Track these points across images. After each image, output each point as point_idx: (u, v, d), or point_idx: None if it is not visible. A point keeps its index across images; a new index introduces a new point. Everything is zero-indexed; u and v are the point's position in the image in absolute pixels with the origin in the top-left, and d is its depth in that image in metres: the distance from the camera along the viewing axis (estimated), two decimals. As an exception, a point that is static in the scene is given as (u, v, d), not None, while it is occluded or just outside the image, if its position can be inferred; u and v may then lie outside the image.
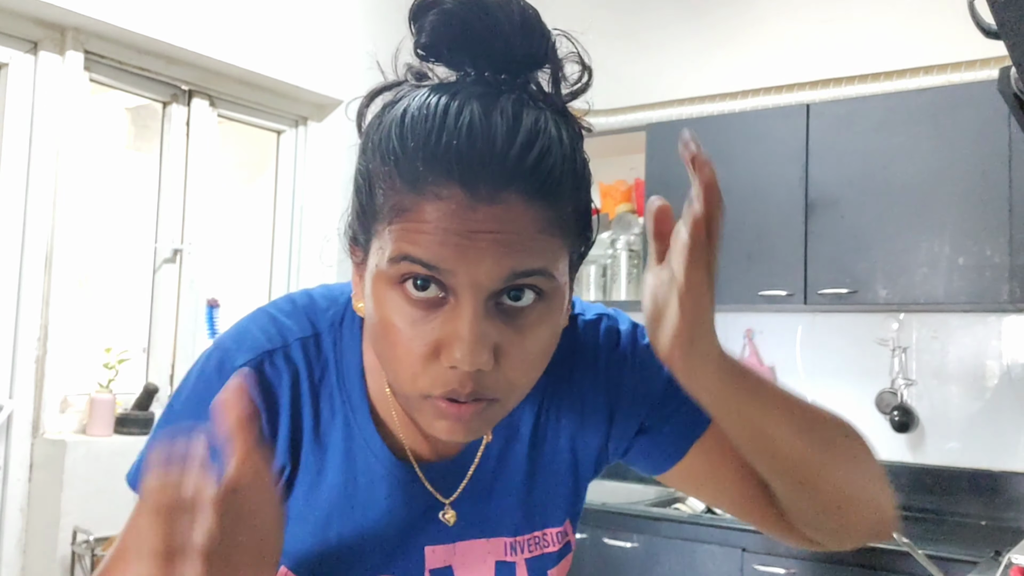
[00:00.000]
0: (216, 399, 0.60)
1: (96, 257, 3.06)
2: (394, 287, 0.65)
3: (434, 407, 0.67)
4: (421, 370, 0.66)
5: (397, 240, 0.64)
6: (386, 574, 0.78)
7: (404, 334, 0.65)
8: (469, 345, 0.63)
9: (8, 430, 2.50)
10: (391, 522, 0.78)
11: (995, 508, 2.76)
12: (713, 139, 3.02)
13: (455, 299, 0.64)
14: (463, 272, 0.63)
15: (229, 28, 2.93)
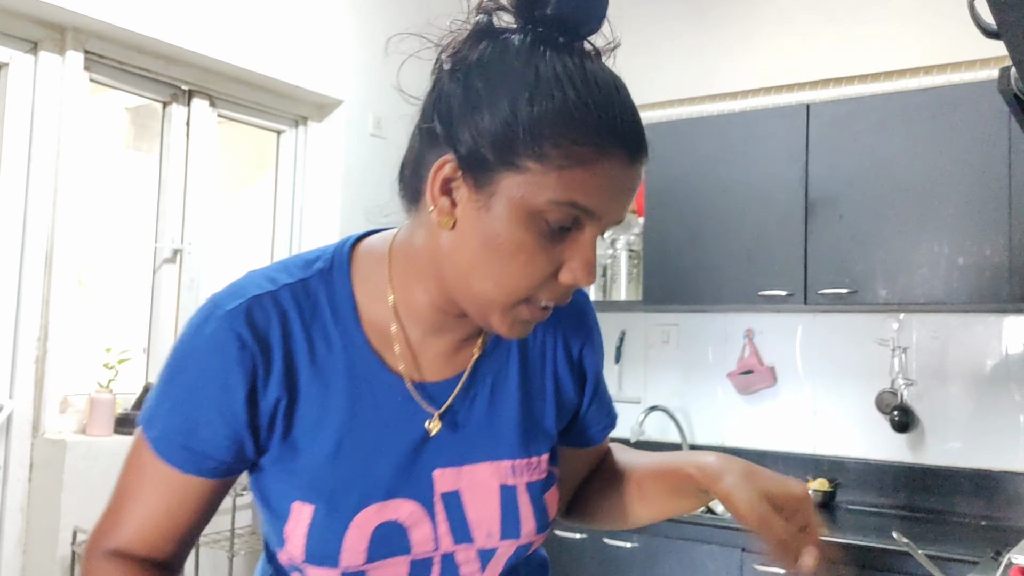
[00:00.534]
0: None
1: (96, 257, 3.06)
2: (536, 219, 0.76)
3: (528, 311, 0.80)
4: (540, 283, 0.78)
5: (565, 187, 0.75)
6: (400, 497, 0.84)
7: (537, 257, 0.77)
8: (592, 267, 0.78)
9: (8, 430, 2.50)
10: (398, 443, 0.85)
11: (995, 508, 2.76)
12: (713, 139, 3.02)
13: (582, 232, 0.78)
14: (606, 216, 0.77)
15: (229, 28, 2.93)
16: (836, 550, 0.83)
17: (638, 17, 3.58)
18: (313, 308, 0.85)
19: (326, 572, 0.83)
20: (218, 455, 0.83)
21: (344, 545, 0.82)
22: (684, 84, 3.34)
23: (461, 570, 0.88)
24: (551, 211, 0.75)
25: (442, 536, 0.86)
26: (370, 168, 3.48)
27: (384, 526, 0.83)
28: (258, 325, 0.82)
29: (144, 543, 0.86)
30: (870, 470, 2.98)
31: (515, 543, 0.89)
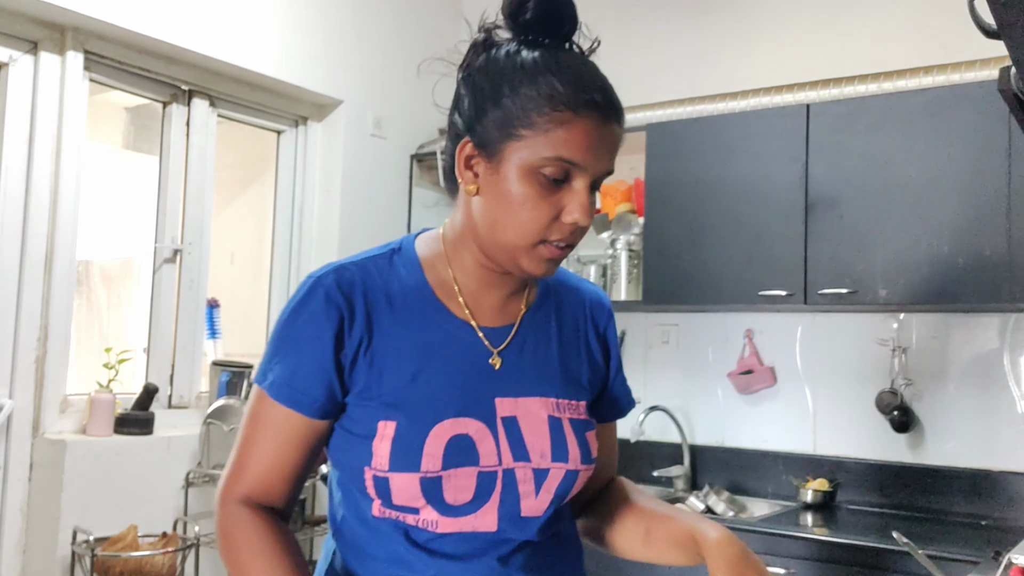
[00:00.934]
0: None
1: (96, 257, 3.06)
2: (536, 174, 0.98)
3: (544, 252, 1.01)
4: (547, 225, 0.99)
5: (552, 145, 0.97)
6: (468, 416, 1.02)
7: (539, 205, 0.98)
8: (587, 208, 0.99)
9: (8, 430, 2.50)
10: (466, 372, 1.04)
11: (995, 508, 2.76)
12: (713, 139, 3.02)
13: (575, 183, 0.99)
14: (591, 166, 0.99)
15: (229, 28, 2.93)
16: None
17: (638, 17, 3.58)
18: (389, 271, 1.08)
19: (408, 477, 0.99)
20: (315, 392, 1.02)
21: (424, 451, 0.99)
22: (684, 84, 3.33)
23: (520, 488, 1.03)
24: (545, 166, 0.98)
25: (504, 452, 1.03)
26: (370, 168, 3.48)
27: (457, 438, 1.00)
28: (343, 283, 1.04)
29: (264, 485, 1.05)
30: (870, 470, 2.98)
31: (564, 467, 1.05)
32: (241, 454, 1.06)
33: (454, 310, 1.07)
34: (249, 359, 3.12)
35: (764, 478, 3.15)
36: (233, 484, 1.05)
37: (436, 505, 1.00)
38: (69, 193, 2.63)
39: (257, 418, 1.05)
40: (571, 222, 0.99)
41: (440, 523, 1.01)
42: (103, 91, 2.87)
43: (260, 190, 3.48)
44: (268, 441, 1.04)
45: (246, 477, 1.05)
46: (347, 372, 1.03)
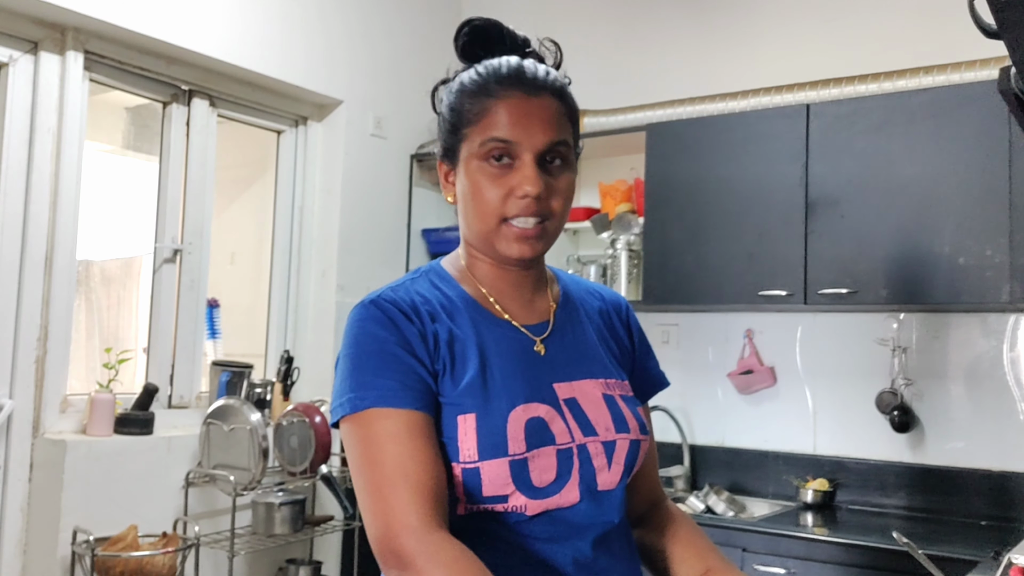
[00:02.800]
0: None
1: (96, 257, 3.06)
2: (481, 163, 1.08)
3: (511, 231, 1.08)
4: (501, 204, 1.07)
5: (483, 131, 1.08)
6: (535, 402, 1.08)
7: (490, 187, 1.08)
8: (533, 179, 1.06)
9: (8, 430, 2.50)
10: (521, 363, 1.11)
11: (995, 508, 2.76)
12: (713, 139, 3.02)
13: (520, 161, 1.07)
14: (526, 140, 1.07)
15: (229, 28, 2.93)
16: None
17: (639, 17, 3.58)
18: (431, 287, 1.15)
19: (498, 464, 1.02)
20: (424, 388, 1.04)
21: (508, 435, 1.03)
22: (684, 84, 3.33)
23: (594, 461, 1.09)
24: (485, 151, 1.08)
25: (574, 429, 1.09)
26: (370, 168, 3.48)
27: (532, 420, 1.06)
28: (399, 302, 1.09)
29: (437, 498, 0.98)
30: (870, 470, 2.98)
31: (628, 437, 1.13)
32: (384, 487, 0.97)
33: (495, 313, 1.15)
34: (249, 359, 3.12)
35: (764, 478, 3.15)
36: (424, 510, 0.96)
37: (524, 489, 1.03)
38: (69, 193, 2.63)
39: (378, 443, 1.00)
40: (521, 195, 1.06)
41: (529, 507, 1.04)
42: (103, 91, 2.87)
43: (260, 190, 3.48)
44: (407, 453, 0.99)
45: (429, 495, 0.97)
46: (431, 369, 1.06)
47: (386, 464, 0.98)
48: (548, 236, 1.11)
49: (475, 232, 1.11)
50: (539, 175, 1.07)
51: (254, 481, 2.70)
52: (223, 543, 2.73)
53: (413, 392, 1.02)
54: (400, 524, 0.95)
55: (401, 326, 1.06)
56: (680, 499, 3.08)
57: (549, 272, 1.25)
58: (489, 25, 1.16)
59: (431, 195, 3.70)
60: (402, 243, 3.61)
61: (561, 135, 1.10)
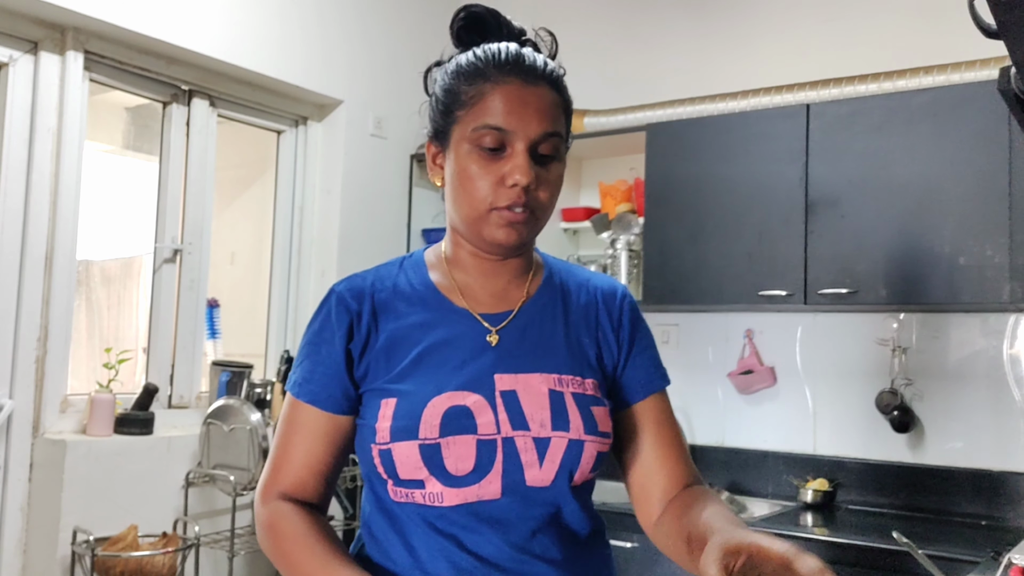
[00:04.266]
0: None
1: (96, 257, 3.07)
2: (474, 148, 1.07)
3: (500, 217, 1.08)
4: (492, 192, 1.07)
5: (478, 116, 1.07)
6: (467, 391, 1.08)
7: (482, 175, 1.07)
8: (524, 169, 1.06)
9: (8, 430, 2.50)
10: (466, 351, 1.11)
11: (995, 508, 2.76)
12: (713, 139, 3.02)
13: (512, 149, 1.07)
14: (520, 129, 1.06)
15: (229, 28, 2.93)
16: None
17: (639, 17, 3.58)
18: (397, 273, 1.18)
19: (408, 446, 1.05)
20: (331, 388, 1.12)
21: (422, 420, 1.05)
22: (684, 84, 3.33)
23: (522, 457, 1.07)
24: (478, 137, 1.07)
25: (502, 422, 1.07)
26: (370, 168, 3.48)
27: (454, 408, 1.06)
28: (353, 288, 1.15)
29: (298, 483, 1.13)
30: (870, 470, 2.98)
31: (565, 436, 1.08)
32: (276, 455, 1.15)
33: (455, 301, 1.15)
34: (249, 359, 3.12)
35: (764, 478, 3.15)
36: (271, 483, 1.14)
37: (439, 475, 1.05)
38: (69, 193, 2.63)
39: (286, 420, 1.15)
40: (512, 184, 1.06)
41: (445, 495, 1.05)
42: (103, 91, 2.87)
43: (260, 190, 3.48)
44: (298, 440, 1.14)
45: (282, 476, 1.14)
46: (356, 363, 1.12)
47: (283, 442, 1.15)
48: (534, 225, 1.11)
49: (462, 217, 1.11)
50: (530, 165, 1.06)
51: (254, 481, 2.70)
52: (223, 543, 2.73)
53: (319, 389, 1.12)
54: (266, 488, 1.14)
55: (337, 321, 1.13)
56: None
57: (539, 261, 1.22)
58: (486, 12, 1.16)
59: (431, 195, 3.70)
60: (402, 243, 3.61)
61: (555, 126, 1.09)
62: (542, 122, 1.07)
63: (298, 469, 1.13)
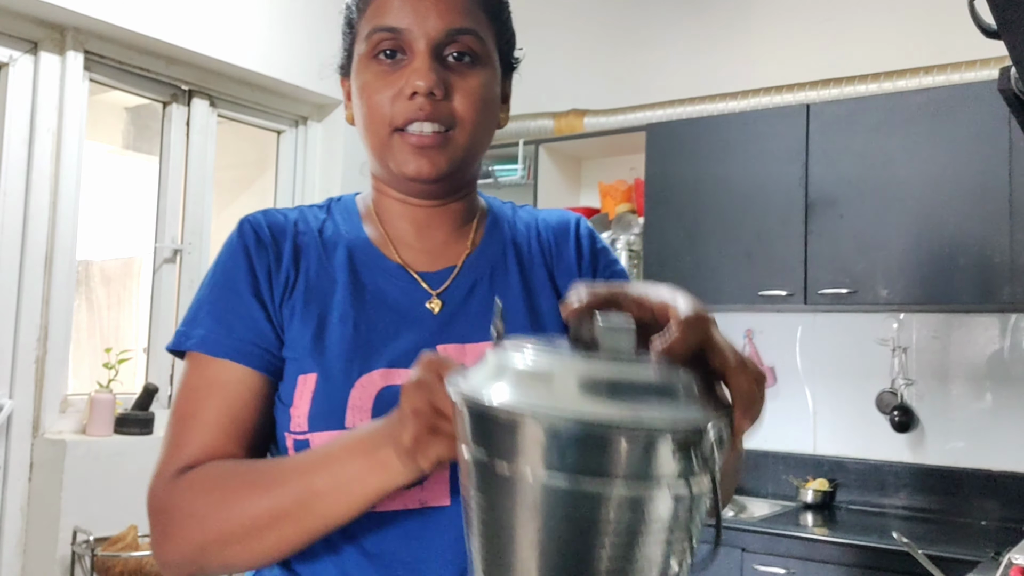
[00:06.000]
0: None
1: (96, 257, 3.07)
2: (371, 62, 0.90)
3: (405, 143, 0.88)
4: (391, 108, 0.88)
5: (368, 21, 0.90)
6: (405, 368, 0.86)
7: (379, 89, 0.88)
8: (423, 72, 0.86)
9: (8, 430, 2.50)
10: (403, 319, 0.90)
11: (995, 508, 2.76)
12: (713, 139, 3.02)
13: (412, 53, 0.88)
14: (416, 28, 0.87)
15: (229, 28, 2.93)
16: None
17: (639, 17, 3.58)
18: (325, 217, 0.98)
19: (331, 436, 0.82)
20: (256, 339, 0.88)
21: (349, 403, 0.84)
22: (684, 84, 3.33)
23: None
24: (372, 45, 0.89)
25: None
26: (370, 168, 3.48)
27: (389, 389, 0.85)
28: (274, 221, 0.94)
29: (211, 453, 0.85)
30: (870, 470, 2.98)
31: None
32: (178, 431, 0.87)
33: (390, 255, 0.95)
34: (249, 359, 3.12)
35: (764, 478, 3.15)
36: (169, 465, 0.85)
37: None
38: (69, 193, 2.63)
39: (190, 385, 0.88)
40: (410, 92, 0.86)
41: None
42: (103, 91, 2.86)
43: (260, 190, 3.48)
44: (212, 404, 0.86)
45: (187, 450, 0.85)
46: (275, 314, 0.90)
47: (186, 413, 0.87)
48: (454, 149, 0.89)
49: (369, 149, 0.93)
50: (434, 69, 0.87)
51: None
52: (223, 543, 2.72)
53: (238, 341, 0.87)
54: (162, 470, 0.85)
55: (254, 257, 0.91)
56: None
57: (483, 205, 1.02)
58: None
59: (431, 195, 3.70)
60: (402, 243, 3.61)
61: (466, 22, 0.89)
62: (444, 16, 0.88)
63: (213, 438, 0.85)
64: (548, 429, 0.51)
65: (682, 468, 0.52)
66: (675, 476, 0.52)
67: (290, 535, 0.78)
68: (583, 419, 0.51)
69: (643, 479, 0.52)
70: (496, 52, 0.94)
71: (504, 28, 0.96)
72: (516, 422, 0.52)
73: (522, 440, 0.52)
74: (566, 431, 0.51)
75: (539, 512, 0.53)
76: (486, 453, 0.55)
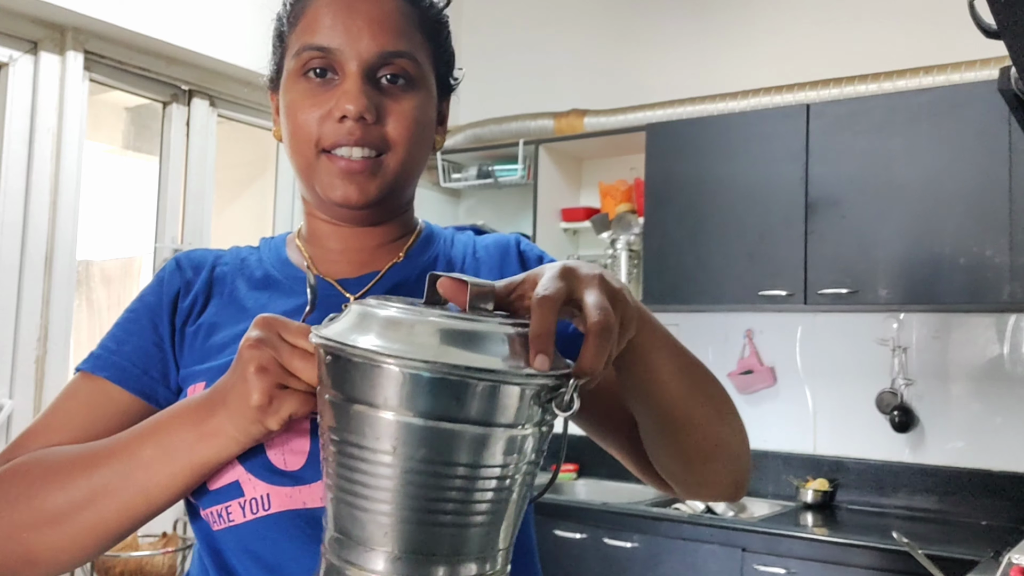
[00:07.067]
0: None
1: (96, 257, 3.06)
2: (299, 80, 0.87)
3: (332, 166, 0.84)
4: (318, 129, 0.84)
5: (298, 37, 0.87)
6: None
7: (306, 108, 0.85)
8: (353, 95, 0.82)
9: (8, 430, 2.50)
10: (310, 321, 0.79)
11: (995, 508, 2.76)
12: (713, 139, 3.02)
13: (343, 74, 0.84)
14: (349, 48, 0.83)
15: (229, 28, 2.93)
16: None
17: (639, 17, 3.58)
18: (252, 252, 0.96)
19: None
20: (139, 362, 0.86)
21: None
22: (684, 84, 3.34)
23: None
24: (301, 64, 0.86)
25: None
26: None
27: None
28: (196, 255, 0.94)
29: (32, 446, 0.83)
30: (870, 470, 2.98)
31: None
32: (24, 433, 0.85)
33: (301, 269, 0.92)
34: (249, 359, 3.11)
35: (764, 478, 3.15)
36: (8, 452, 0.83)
37: (257, 471, 0.77)
38: (69, 193, 2.63)
39: (59, 398, 0.87)
40: (339, 115, 0.83)
41: (273, 496, 0.77)
42: (103, 91, 2.86)
43: (260, 190, 3.48)
44: (69, 415, 0.84)
45: (24, 449, 0.82)
46: (177, 336, 0.88)
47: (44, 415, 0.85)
48: (384, 174, 0.85)
49: (296, 170, 0.88)
50: (364, 91, 0.83)
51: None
52: (223, 543, 2.72)
53: (131, 363, 0.86)
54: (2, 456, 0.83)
55: (165, 284, 0.90)
56: (680, 499, 3.08)
57: (420, 226, 0.97)
58: None
59: (431, 195, 3.70)
60: (402, 243, 3.61)
61: (400, 45, 0.85)
62: (379, 37, 0.84)
63: (53, 440, 0.82)
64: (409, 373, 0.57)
65: (523, 413, 0.60)
66: (517, 420, 0.59)
67: (107, 514, 0.75)
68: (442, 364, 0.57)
69: (488, 421, 0.58)
70: (433, 74, 0.90)
71: (442, 49, 0.92)
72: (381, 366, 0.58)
73: (385, 382, 0.58)
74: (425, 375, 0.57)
75: (397, 449, 0.58)
76: (350, 397, 0.60)
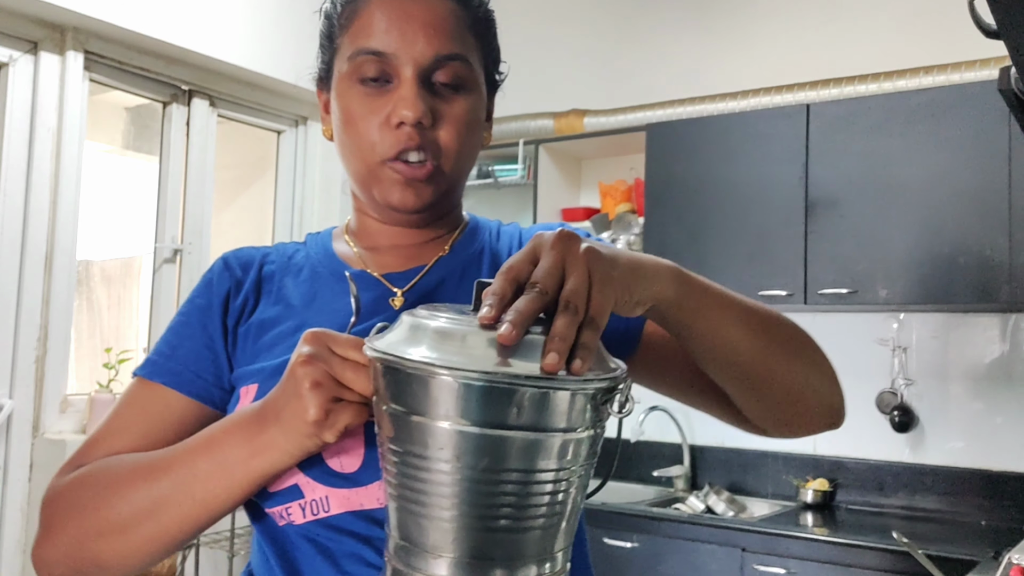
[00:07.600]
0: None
1: (96, 257, 3.07)
2: (354, 84, 0.86)
3: (392, 172, 0.85)
4: (378, 137, 0.84)
5: (354, 39, 0.86)
6: None
7: (364, 115, 0.85)
8: (410, 101, 0.82)
9: (8, 430, 2.50)
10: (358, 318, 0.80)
11: (995, 508, 2.76)
12: (713, 139, 3.02)
13: (399, 79, 0.84)
14: (404, 52, 0.83)
15: (229, 28, 2.93)
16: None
17: (639, 17, 3.58)
18: (298, 247, 0.96)
19: None
20: (194, 366, 0.87)
21: None
22: (684, 84, 3.33)
23: None
24: (355, 68, 0.85)
25: None
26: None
27: None
28: (243, 254, 0.94)
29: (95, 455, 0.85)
30: (870, 470, 2.98)
31: None
32: (87, 441, 0.87)
33: (354, 265, 0.92)
34: (249, 359, 3.12)
35: (764, 478, 3.15)
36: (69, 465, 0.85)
37: (316, 475, 0.78)
38: (69, 193, 2.63)
39: (119, 405, 0.89)
40: (397, 121, 0.83)
41: (332, 498, 0.78)
42: (103, 91, 2.87)
43: (260, 190, 3.48)
44: (129, 422, 0.86)
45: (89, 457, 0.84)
46: (230, 337, 0.89)
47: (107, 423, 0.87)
48: (439, 180, 0.86)
49: (352, 174, 0.89)
50: (421, 96, 0.83)
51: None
52: (223, 543, 2.73)
53: (180, 366, 0.87)
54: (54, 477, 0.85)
55: (215, 286, 0.91)
56: (680, 499, 3.08)
57: (466, 220, 0.98)
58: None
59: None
60: (402, 243, 3.61)
61: (455, 47, 0.85)
62: (433, 41, 0.84)
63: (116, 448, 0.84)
64: (464, 384, 0.58)
65: (578, 417, 0.61)
66: (572, 424, 0.61)
67: (169, 524, 0.77)
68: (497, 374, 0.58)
69: (544, 427, 0.59)
70: (483, 73, 0.90)
71: (490, 47, 0.92)
72: (437, 378, 0.59)
73: (442, 393, 0.59)
74: (481, 385, 0.58)
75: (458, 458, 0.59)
76: (408, 408, 0.61)
